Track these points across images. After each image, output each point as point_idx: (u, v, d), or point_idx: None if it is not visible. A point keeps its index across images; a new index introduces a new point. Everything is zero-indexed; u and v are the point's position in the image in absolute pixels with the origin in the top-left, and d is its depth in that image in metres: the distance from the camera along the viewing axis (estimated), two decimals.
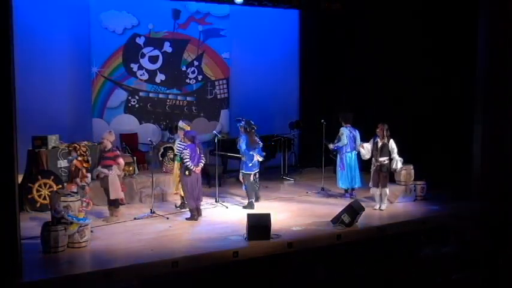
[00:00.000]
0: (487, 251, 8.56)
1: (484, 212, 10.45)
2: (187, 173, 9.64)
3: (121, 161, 9.65)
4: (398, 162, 10.35)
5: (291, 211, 10.38)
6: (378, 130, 10.40)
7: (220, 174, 11.12)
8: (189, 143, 9.68)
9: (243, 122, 10.82)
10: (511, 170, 10.86)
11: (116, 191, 9.55)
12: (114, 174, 9.51)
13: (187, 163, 9.58)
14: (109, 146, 9.56)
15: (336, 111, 12.29)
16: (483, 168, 10.99)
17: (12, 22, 7.05)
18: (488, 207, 10.57)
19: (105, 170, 9.50)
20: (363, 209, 9.61)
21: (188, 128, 10.32)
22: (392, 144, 10.32)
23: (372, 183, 10.50)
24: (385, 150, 10.32)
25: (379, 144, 10.34)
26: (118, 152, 9.80)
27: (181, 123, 10.46)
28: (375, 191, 10.49)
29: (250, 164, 10.57)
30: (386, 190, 10.46)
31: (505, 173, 10.87)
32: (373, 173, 10.47)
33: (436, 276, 8.08)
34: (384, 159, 10.33)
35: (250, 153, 10.56)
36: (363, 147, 10.64)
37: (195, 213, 9.75)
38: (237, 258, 8.16)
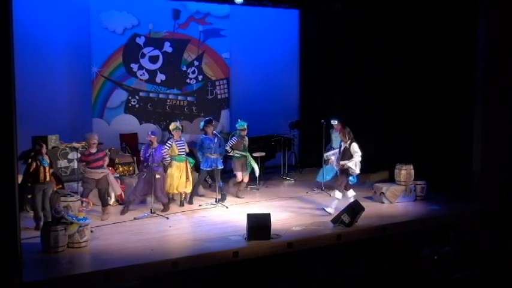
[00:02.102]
0: (487, 251, 8.56)
1: (484, 212, 10.45)
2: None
3: (107, 159, 10.01)
4: (353, 165, 9.97)
5: (291, 211, 10.38)
6: (340, 134, 10.29)
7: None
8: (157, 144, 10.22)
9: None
10: (511, 170, 10.86)
11: (118, 187, 9.98)
12: (110, 173, 9.87)
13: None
14: (95, 148, 9.72)
15: (336, 111, 12.30)
16: (483, 168, 10.99)
17: (12, 22, 7.05)
18: (488, 207, 10.57)
19: (104, 170, 9.70)
20: (362, 209, 9.61)
21: (181, 128, 10.70)
22: (354, 147, 9.97)
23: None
24: (346, 154, 10.03)
25: (342, 147, 10.14)
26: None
27: (179, 124, 10.66)
28: (350, 193, 10.27)
29: None
30: (336, 194, 10.12)
31: (505, 173, 10.87)
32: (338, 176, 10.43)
33: (436, 276, 8.08)
34: (344, 163, 10.10)
35: None
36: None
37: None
38: (237, 258, 8.16)
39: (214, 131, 11.07)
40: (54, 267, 7.56)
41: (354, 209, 9.44)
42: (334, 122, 11.62)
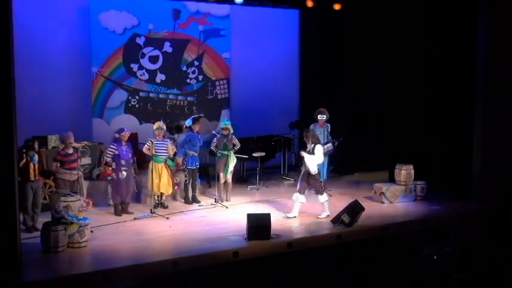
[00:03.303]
0: (487, 251, 8.57)
1: (484, 212, 10.45)
2: None
3: (80, 160, 9.97)
4: (309, 162, 9.73)
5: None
6: (305, 138, 10.01)
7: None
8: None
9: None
10: (511, 170, 10.86)
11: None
12: (82, 175, 9.88)
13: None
14: (71, 149, 9.63)
15: (336, 111, 12.29)
16: (483, 168, 10.99)
17: (12, 22, 7.05)
18: (488, 207, 10.57)
19: (79, 172, 9.69)
20: (362, 209, 9.61)
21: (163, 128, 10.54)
22: (316, 149, 9.77)
23: (298, 189, 9.93)
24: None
25: (308, 148, 9.88)
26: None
27: (162, 123, 10.59)
28: (297, 198, 9.86)
29: None
30: (320, 197, 9.85)
31: (505, 173, 10.87)
32: (300, 179, 9.97)
33: (436, 276, 8.08)
34: (301, 153, 9.89)
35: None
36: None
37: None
38: (237, 258, 8.16)
39: (213, 131, 11.06)
40: (54, 267, 7.56)
41: (354, 209, 9.44)
42: (323, 117, 11.61)
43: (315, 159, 9.76)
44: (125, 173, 9.93)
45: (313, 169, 9.77)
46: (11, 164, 7.03)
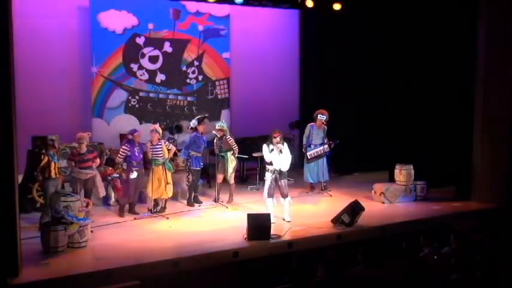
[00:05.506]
0: (487, 251, 8.56)
1: (484, 212, 10.45)
2: None
3: (98, 160, 9.95)
4: (286, 159, 9.43)
5: (291, 211, 10.36)
6: (277, 139, 9.37)
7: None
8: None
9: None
10: (511, 169, 10.85)
11: (102, 188, 9.91)
12: (97, 174, 9.84)
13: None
14: (85, 148, 9.66)
15: (335, 111, 12.30)
16: (483, 168, 10.98)
17: (12, 22, 7.05)
18: (488, 207, 10.56)
19: (93, 171, 9.67)
20: (363, 209, 9.60)
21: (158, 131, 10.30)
22: (286, 147, 9.50)
23: (267, 194, 9.54)
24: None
25: (278, 150, 9.44)
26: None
27: (157, 126, 10.42)
28: (269, 202, 9.55)
29: None
30: (290, 199, 9.69)
31: (505, 172, 10.86)
32: (270, 182, 9.49)
33: (436, 276, 8.07)
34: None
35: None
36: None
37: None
38: (237, 258, 8.15)
39: (213, 131, 11.04)
40: (54, 267, 7.55)
41: (354, 209, 9.43)
42: (323, 117, 11.63)
43: (289, 157, 9.54)
44: (135, 173, 9.90)
45: (287, 167, 9.53)
46: (10, 164, 7.02)
